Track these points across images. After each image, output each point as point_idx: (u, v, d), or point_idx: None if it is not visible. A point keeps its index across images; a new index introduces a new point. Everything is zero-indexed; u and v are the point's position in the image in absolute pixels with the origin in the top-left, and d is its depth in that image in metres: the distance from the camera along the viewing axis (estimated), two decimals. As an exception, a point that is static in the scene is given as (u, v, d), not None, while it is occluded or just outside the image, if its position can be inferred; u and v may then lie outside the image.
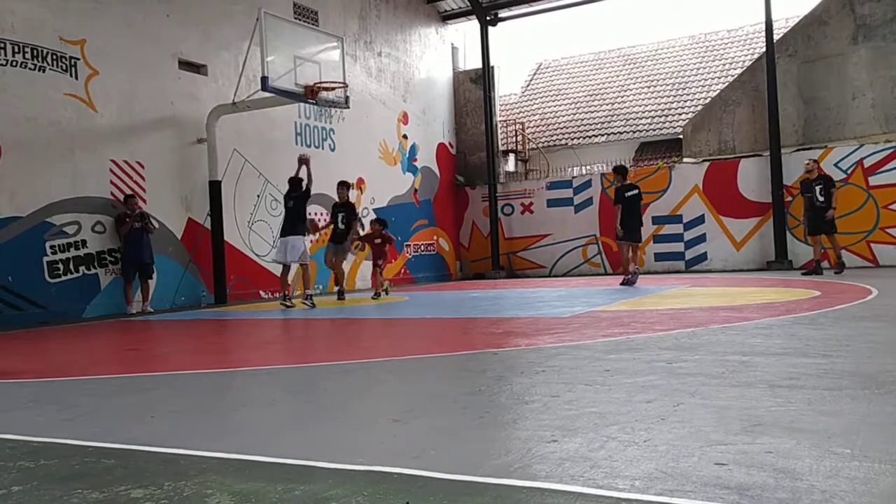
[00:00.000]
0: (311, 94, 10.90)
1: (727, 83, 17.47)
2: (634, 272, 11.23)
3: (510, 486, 2.02)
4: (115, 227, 10.31)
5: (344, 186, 11.19)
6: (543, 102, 24.93)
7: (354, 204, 11.78)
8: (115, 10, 10.57)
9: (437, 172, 18.04)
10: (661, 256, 16.02)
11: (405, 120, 16.93)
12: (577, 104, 23.99)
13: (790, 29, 15.66)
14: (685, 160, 16.85)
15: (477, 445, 2.52)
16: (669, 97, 22.31)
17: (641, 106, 22.52)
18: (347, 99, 11.82)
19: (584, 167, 20.77)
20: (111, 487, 2.19)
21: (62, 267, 9.71)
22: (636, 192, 11.34)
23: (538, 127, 23.64)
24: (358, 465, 2.27)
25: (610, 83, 24.28)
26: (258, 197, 12.68)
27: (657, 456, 2.24)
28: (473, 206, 18.55)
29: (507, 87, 25.63)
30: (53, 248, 9.63)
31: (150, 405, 3.61)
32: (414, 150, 17.19)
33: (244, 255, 12.42)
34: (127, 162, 10.68)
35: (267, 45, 10.30)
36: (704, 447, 2.31)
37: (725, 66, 22.22)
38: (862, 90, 14.39)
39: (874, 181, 14.04)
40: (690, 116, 18.36)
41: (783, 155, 14.71)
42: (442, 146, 18.39)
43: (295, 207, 10.21)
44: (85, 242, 10.02)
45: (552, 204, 17.42)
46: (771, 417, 2.65)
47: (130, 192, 10.56)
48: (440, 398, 3.41)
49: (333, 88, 11.37)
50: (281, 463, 2.37)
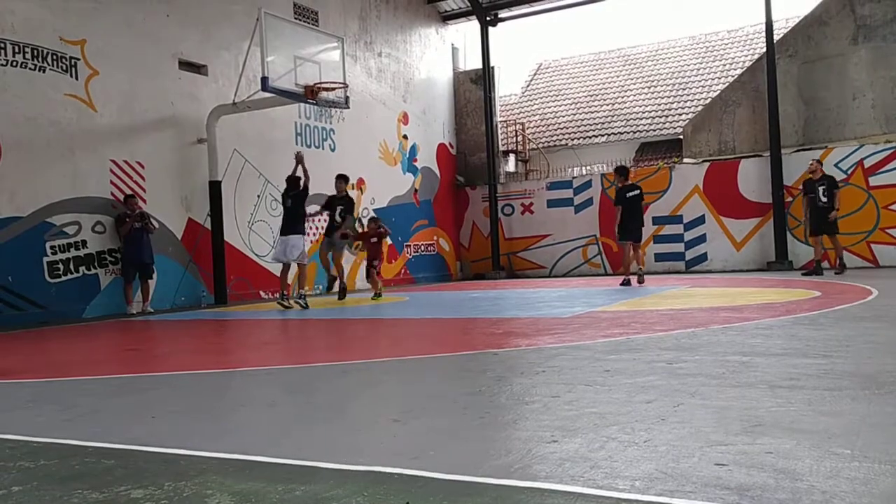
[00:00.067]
0: (311, 94, 10.90)
1: (727, 83, 17.47)
2: (640, 272, 11.29)
3: (510, 486, 2.02)
4: (115, 227, 10.31)
5: (342, 180, 11.16)
6: (544, 103, 24.93)
7: (353, 198, 11.74)
8: (115, 10, 10.58)
9: (437, 173, 18.04)
10: (661, 257, 16.01)
11: (405, 120, 16.93)
12: (577, 104, 23.99)
13: (790, 29, 15.67)
14: (685, 160, 16.85)
15: (477, 446, 2.52)
16: (670, 97, 22.32)
17: (642, 106, 22.53)
18: (347, 99, 11.82)
19: (584, 167, 20.79)
20: (111, 487, 2.19)
21: (62, 267, 9.71)
22: (637, 192, 11.39)
23: (538, 127, 23.64)
24: (358, 465, 2.27)
25: (610, 83, 24.28)
26: (258, 197, 12.68)
27: (657, 456, 2.23)
28: (474, 206, 18.55)
29: (507, 87, 25.68)
30: (53, 248, 9.63)
31: (150, 405, 3.61)
32: (414, 150, 17.19)
33: (244, 255, 12.42)
34: (127, 162, 10.68)
35: (267, 45, 10.30)
36: (704, 448, 2.31)
37: (726, 66, 22.23)
38: (862, 90, 14.39)
39: (874, 181, 14.04)
40: (691, 117, 18.36)
41: (783, 155, 14.71)
42: (442, 146, 18.39)
43: (293, 206, 10.20)
44: (85, 242, 10.02)
45: (552, 204, 17.42)
46: (771, 418, 2.65)
47: (130, 192, 10.56)
48: (440, 398, 3.41)
49: (333, 89, 11.36)
50: (281, 463, 2.37)
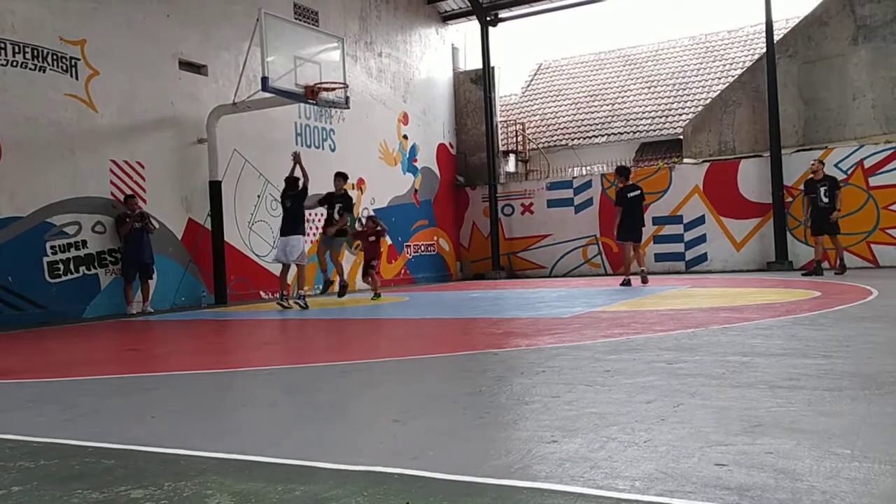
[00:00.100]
0: (311, 94, 10.90)
1: (727, 84, 17.47)
2: (643, 273, 11.35)
3: (510, 486, 2.02)
4: (115, 227, 10.31)
5: (341, 178, 11.10)
6: (544, 103, 24.93)
7: (351, 196, 11.69)
8: (115, 10, 10.58)
9: (437, 173, 18.04)
10: (661, 257, 16.01)
11: (405, 120, 16.93)
12: (577, 105, 23.99)
13: (790, 30, 15.67)
14: (685, 161, 16.85)
15: (477, 446, 2.52)
16: (670, 98, 22.32)
17: (642, 106, 22.53)
18: (348, 99, 11.81)
19: (584, 168, 20.79)
20: (111, 487, 2.19)
21: (62, 267, 9.71)
22: (638, 192, 11.44)
23: (538, 127, 23.64)
24: (358, 465, 2.27)
25: (610, 84, 24.28)
26: (258, 197, 12.68)
27: (657, 456, 2.23)
28: (474, 206, 18.54)
29: (507, 87, 25.68)
30: (54, 248, 9.63)
31: (150, 405, 3.61)
32: (414, 150, 17.19)
33: (244, 255, 12.42)
34: (127, 162, 10.68)
35: (267, 45, 10.30)
36: (704, 448, 2.31)
37: (726, 66, 22.22)
38: (862, 91, 14.39)
39: (874, 182, 14.04)
40: (691, 117, 18.36)
41: (783, 156, 14.71)
42: (442, 146, 18.39)
43: (293, 207, 10.19)
44: (85, 243, 10.02)
45: (552, 204, 17.42)
46: (771, 418, 2.65)
47: (130, 192, 10.56)
48: (440, 398, 3.41)
49: (334, 89, 11.36)
50: (281, 463, 2.37)
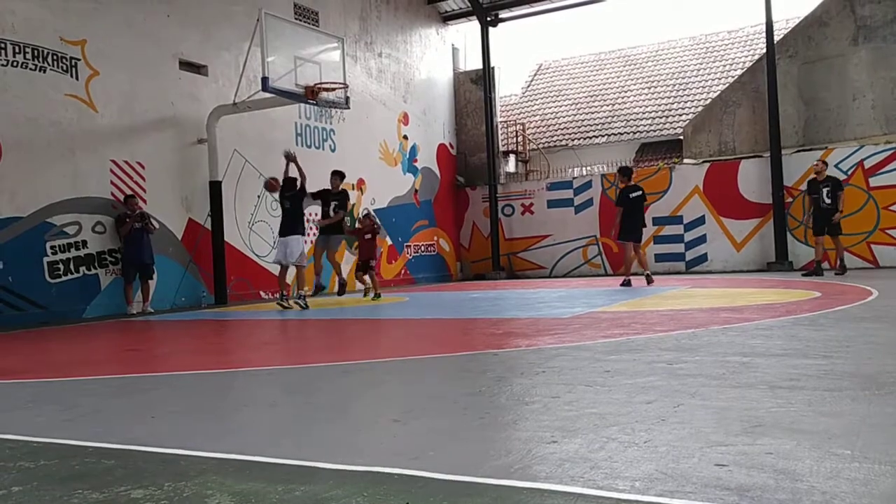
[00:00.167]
0: (311, 94, 10.90)
1: (727, 84, 17.48)
2: (648, 274, 11.41)
3: (510, 486, 2.02)
4: (115, 227, 10.31)
5: (338, 176, 11.03)
6: (544, 103, 24.93)
7: (348, 195, 11.61)
8: (115, 10, 10.58)
9: (437, 173, 18.05)
10: (661, 257, 16.01)
11: (405, 121, 16.93)
12: (577, 105, 24.00)
13: (790, 30, 15.67)
14: (685, 161, 16.85)
15: (477, 446, 2.52)
16: (670, 98, 22.32)
17: (642, 107, 22.53)
18: (348, 100, 11.81)
19: (584, 168, 20.80)
20: (111, 488, 2.19)
21: (62, 267, 9.71)
22: (640, 193, 11.49)
23: (538, 128, 23.64)
24: (358, 465, 2.27)
25: (610, 84, 24.29)
26: (258, 197, 12.68)
27: (657, 457, 2.23)
28: (474, 206, 18.55)
29: (507, 87, 25.68)
30: (54, 248, 9.63)
31: (150, 405, 3.61)
32: (414, 150, 17.19)
33: (244, 255, 12.43)
34: (127, 162, 10.68)
35: (267, 45, 10.31)
36: (705, 448, 2.30)
37: (726, 67, 22.23)
38: (862, 91, 14.39)
39: (874, 182, 14.04)
40: (691, 117, 18.36)
41: (783, 156, 14.71)
42: (442, 147, 18.39)
43: (292, 207, 10.16)
44: (85, 243, 10.02)
45: (552, 205, 17.42)
46: (771, 418, 2.65)
47: (131, 192, 10.57)
48: (440, 399, 3.41)
49: (334, 89, 11.36)
50: (281, 463, 2.37)
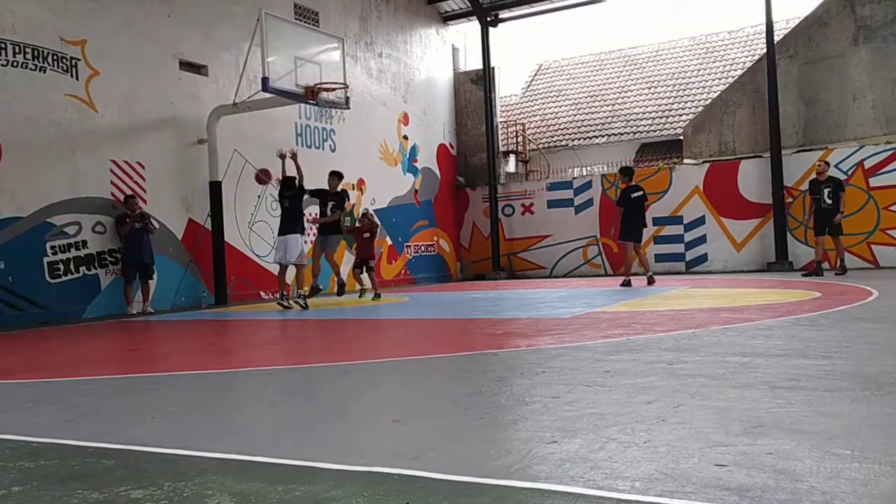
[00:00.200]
0: (311, 94, 10.90)
1: (728, 84, 17.48)
2: (649, 275, 11.45)
3: (510, 487, 2.02)
4: (115, 227, 10.31)
5: (336, 176, 10.97)
6: (544, 103, 24.93)
7: (346, 195, 11.61)
8: (115, 10, 10.58)
9: (437, 173, 18.05)
10: (661, 258, 16.01)
11: (406, 121, 16.93)
12: (577, 105, 24.00)
13: (791, 30, 15.67)
14: (686, 161, 16.85)
15: (477, 446, 2.52)
16: (670, 98, 22.32)
17: (642, 107, 22.53)
18: (348, 100, 11.81)
19: (584, 168, 20.81)
20: (111, 488, 2.18)
21: (62, 267, 9.71)
22: (641, 193, 11.51)
23: (539, 128, 23.64)
24: (358, 465, 2.27)
25: (610, 84, 24.29)
26: (258, 198, 12.68)
27: (657, 457, 2.23)
28: (474, 206, 18.55)
29: (507, 87, 25.71)
30: (54, 248, 9.63)
31: (150, 405, 3.61)
32: (414, 150, 17.19)
33: (244, 255, 12.43)
34: (127, 162, 10.69)
35: (267, 45, 10.31)
36: (705, 448, 2.30)
37: (726, 67, 22.23)
38: (862, 91, 14.39)
39: (875, 182, 14.04)
40: (691, 117, 18.36)
41: (784, 156, 14.72)
42: (442, 147, 18.39)
43: (291, 206, 10.15)
44: (85, 243, 10.02)
45: (553, 205, 17.42)
46: (771, 419, 2.65)
47: (131, 192, 10.57)
48: (440, 399, 3.41)
49: (334, 89, 11.36)
50: (281, 463, 2.37)
